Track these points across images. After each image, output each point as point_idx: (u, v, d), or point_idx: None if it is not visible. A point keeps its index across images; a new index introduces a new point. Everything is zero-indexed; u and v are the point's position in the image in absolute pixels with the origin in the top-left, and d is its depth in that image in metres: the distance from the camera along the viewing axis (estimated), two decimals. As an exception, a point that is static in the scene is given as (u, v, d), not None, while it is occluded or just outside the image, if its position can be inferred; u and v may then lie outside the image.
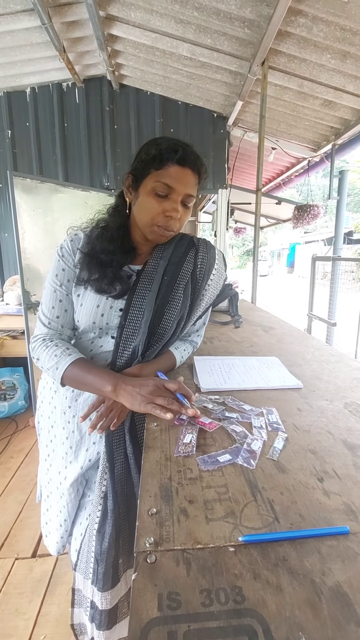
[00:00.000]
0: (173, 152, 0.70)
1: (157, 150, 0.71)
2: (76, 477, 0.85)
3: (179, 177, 0.71)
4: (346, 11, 1.76)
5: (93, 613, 0.81)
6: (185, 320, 0.83)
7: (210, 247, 0.88)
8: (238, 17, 1.94)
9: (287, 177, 4.63)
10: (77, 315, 0.81)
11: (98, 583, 0.78)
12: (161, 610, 0.31)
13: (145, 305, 0.77)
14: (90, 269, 0.77)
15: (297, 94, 2.60)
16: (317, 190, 6.49)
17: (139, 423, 0.81)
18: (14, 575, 1.41)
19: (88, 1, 1.95)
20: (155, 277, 0.79)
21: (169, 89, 2.94)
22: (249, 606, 0.32)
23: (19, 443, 2.40)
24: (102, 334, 0.82)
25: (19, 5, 2.06)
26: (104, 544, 0.77)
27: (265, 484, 0.48)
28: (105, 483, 0.78)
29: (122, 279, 0.78)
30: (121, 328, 0.78)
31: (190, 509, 0.43)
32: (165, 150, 0.70)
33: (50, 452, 0.91)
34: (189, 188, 0.73)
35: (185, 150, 0.71)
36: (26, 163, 3.11)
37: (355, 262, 3.85)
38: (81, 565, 0.84)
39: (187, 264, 0.82)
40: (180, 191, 0.72)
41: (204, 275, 0.84)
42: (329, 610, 0.31)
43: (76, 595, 0.87)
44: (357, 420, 0.66)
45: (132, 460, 0.78)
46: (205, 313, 0.93)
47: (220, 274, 0.89)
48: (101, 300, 0.78)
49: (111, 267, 0.77)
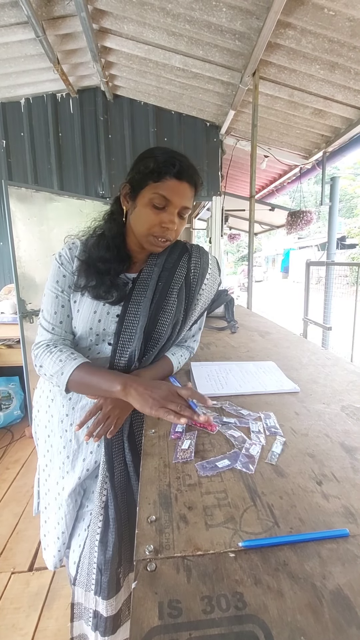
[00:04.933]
0: (171, 165, 0.71)
1: (155, 164, 0.72)
2: (74, 488, 0.84)
3: (176, 190, 0.73)
4: (333, 24, 1.81)
5: (97, 621, 0.80)
6: (181, 325, 0.84)
7: (203, 252, 0.89)
8: (229, 29, 1.99)
9: (280, 184, 4.70)
10: (74, 322, 0.81)
11: (102, 592, 0.78)
12: (162, 618, 0.31)
13: (141, 311, 0.78)
14: (88, 276, 0.77)
15: (288, 104, 2.65)
16: (309, 196, 6.59)
17: (137, 430, 0.81)
18: (11, 589, 1.38)
19: (82, 14, 1.99)
20: (150, 284, 0.80)
21: (162, 99, 2.99)
22: (251, 612, 0.31)
23: (14, 454, 2.37)
24: (98, 340, 0.82)
25: (13, 18, 2.09)
26: (108, 553, 0.76)
27: (265, 489, 0.48)
28: (106, 492, 0.77)
29: (118, 286, 0.79)
30: (118, 334, 0.78)
31: (189, 516, 0.43)
32: (163, 164, 0.72)
33: (48, 462, 0.90)
34: (185, 201, 0.75)
35: (182, 163, 0.73)
36: (21, 172, 3.13)
37: (349, 267, 3.90)
38: (81, 579, 0.82)
39: (180, 269, 0.83)
40: (177, 204, 0.74)
41: (198, 279, 0.85)
42: (330, 613, 0.31)
43: (76, 609, 0.86)
44: (354, 422, 0.66)
45: (131, 468, 0.77)
46: (200, 318, 0.93)
47: (214, 278, 0.90)
48: (98, 306, 0.79)
49: (108, 275, 0.78)
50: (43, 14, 2.09)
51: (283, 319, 3.49)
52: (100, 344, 0.83)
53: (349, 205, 18.88)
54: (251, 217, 2.57)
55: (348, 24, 1.80)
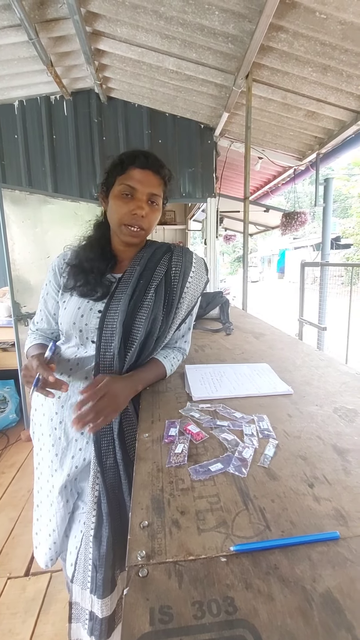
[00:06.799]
0: (133, 157, 0.80)
1: (119, 159, 0.81)
2: (63, 484, 0.85)
3: (140, 178, 0.80)
4: (325, 27, 1.83)
5: (92, 625, 0.80)
6: (164, 322, 0.84)
7: (186, 251, 0.92)
8: (222, 32, 2.00)
9: (274, 185, 4.72)
10: (60, 318, 0.87)
11: (98, 590, 0.78)
12: (153, 624, 0.31)
13: (120, 307, 0.81)
14: (76, 277, 0.85)
15: (281, 106, 2.67)
16: (304, 197, 6.62)
17: (127, 429, 0.81)
18: (7, 595, 1.37)
19: (75, 17, 1.99)
20: (131, 282, 0.84)
21: (156, 102, 3.00)
22: (241, 616, 0.32)
23: (10, 458, 2.35)
24: (82, 338, 0.85)
25: (5, 21, 2.09)
26: (102, 548, 0.77)
27: (257, 492, 0.48)
28: (98, 488, 0.78)
29: (103, 284, 0.84)
30: (100, 330, 0.81)
31: (182, 520, 0.43)
32: (126, 157, 0.81)
33: (40, 460, 0.92)
34: (151, 187, 0.81)
35: (146, 155, 0.81)
36: (15, 175, 3.12)
37: (344, 267, 3.92)
38: (78, 576, 0.83)
39: (160, 267, 0.87)
40: (144, 190, 0.81)
41: (180, 276, 0.87)
42: (319, 617, 0.32)
43: (74, 609, 0.86)
44: (346, 424, 0.67)
45: (121, 467, 0.78)
46: (188, 317, 0.94)
47: (199, 277, 0.91)
48: (82, 303, 0.84)
49: (92, 274, 0.84)
50: (36, 17, 2.09)
51: (279, 320, 3.51)
52: (85, 343, 0.85)
53: (343, 206, 18.98)
54: (246, 219, 2.58)
55: (339, 27, 1.82)
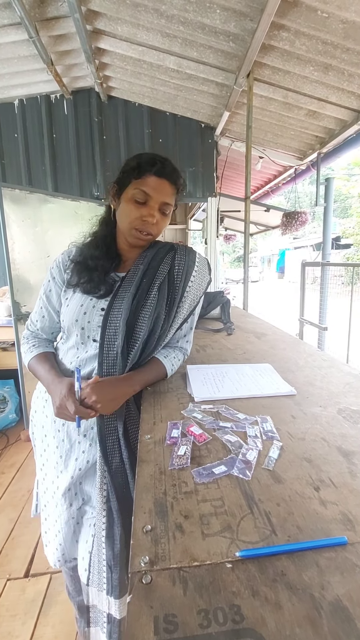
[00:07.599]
0: (151, 164, 0.79)
1: (137, 162, 0.80)
2: (67, 487, 0.85)
3: (155, 186, 0.79)
4: (327, 26, 1.82)
5: (111, 628, 0.80)
6: (165, 320, 0.84)
7: (189, 251, 0.91)
8: (223, 31, 1.99)
9: (274, 185, 4.71)
10: (62, 316, 0.86)
11: (114, 591, 0.78)
12: (157, 634, 0.30)
13: (123, 305, 0.81)
14: (80, 274, 0.84)
15: (282, 105, 2.66)
16: (304, 197, 6.62)
17: (131, 428, 0.81)
18: (6, 596, 1.36)
19: (75, 15, 1.98)
20: (134, 280, 0.84)
21: (157, 101, 2.98)
22: (248, 625, 0.31)
23: (10, 458, 2.34)
24: (84, 336, 0.84)
25: (5, 19, 2.08)
26: (116, 547, 0.77)
27: (262, 496, 0.47)
28: (106, 487, 0.78)
29: (107, 283, 0.84)
30: (103, 329, 0.81)
31: (185, 525, 0.42)
32: (145, 162, 0.79)
33: (45, 462, 0.92)
34: (165, 197, 0.81)
35: (163, 163, 0.80)
36: (15, 174, 3.10)
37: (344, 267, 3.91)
38: (93, 579, 0.83)
39: (163, 266, 0.86)
40: (157, 199, 0.80)
41: (182, 275, 0.86)
42: (329, 626, 0.31)
43: (91, 613, 0.86)
44: (351, 426, 0.66)
45: (127, 465, 0.78)
46: (190, 317, 0.93)
47: (202, 276, 0.91)
48: (85, 300, 0.84)
49: (97, 272, 0.83)
50: (36, 15, 2.08)
51: (279, 320, 3.50)
52: (86, 342, 0.84)
53: (343, 206, 18.98)
54: (246, 218, 2.57)
55: (341, 26, 1.81)
